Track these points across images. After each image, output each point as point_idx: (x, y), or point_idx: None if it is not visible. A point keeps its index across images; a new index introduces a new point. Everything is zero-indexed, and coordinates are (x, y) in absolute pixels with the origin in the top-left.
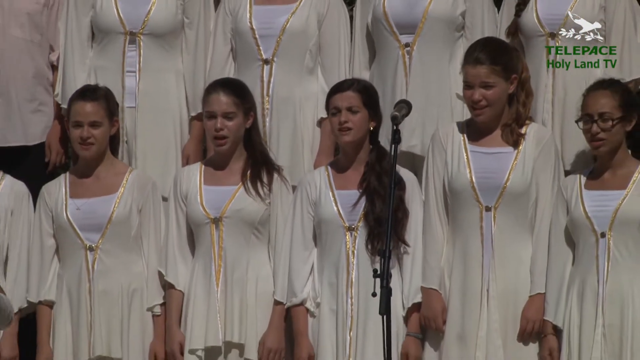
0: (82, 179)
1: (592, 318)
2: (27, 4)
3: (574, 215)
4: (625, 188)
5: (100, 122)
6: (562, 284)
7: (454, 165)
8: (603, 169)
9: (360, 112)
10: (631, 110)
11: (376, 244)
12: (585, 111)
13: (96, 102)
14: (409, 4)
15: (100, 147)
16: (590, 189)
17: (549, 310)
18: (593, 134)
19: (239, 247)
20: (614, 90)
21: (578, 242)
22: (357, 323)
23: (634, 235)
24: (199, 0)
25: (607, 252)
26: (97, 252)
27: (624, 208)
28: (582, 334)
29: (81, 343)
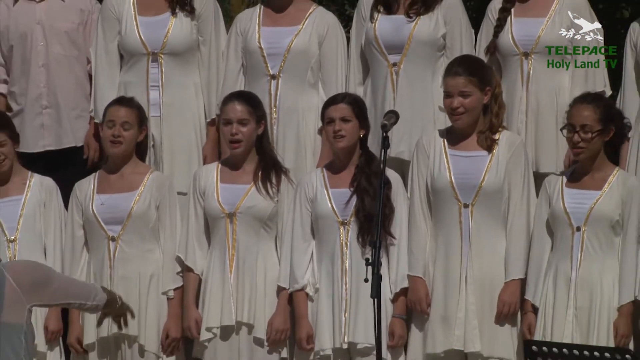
0: (109, 177)
1: (564, 300)
2: (64, 23)
3: (555, 210)
4: (601, 189)
5: (131, 124)
6: (541, 269)
7: (436, 167)
8: (583, 171)
9: (352, 122)
10: (610, 123)
11: (366, 236)
12: (570, 121)
13: (130, 108)
14: (396, 28)
15: (128, 148)
16: (571, 187)
17: (529, 291)
18: (575, 143)
19: (250, 239)
20: (597, 105)
21: (556, 234)
22: (350, 306)
23: (605, 231)
24: (210, 21)
25: (581, 244)
26: (119, 242)
27: (598, 207)
28: (555, 314)
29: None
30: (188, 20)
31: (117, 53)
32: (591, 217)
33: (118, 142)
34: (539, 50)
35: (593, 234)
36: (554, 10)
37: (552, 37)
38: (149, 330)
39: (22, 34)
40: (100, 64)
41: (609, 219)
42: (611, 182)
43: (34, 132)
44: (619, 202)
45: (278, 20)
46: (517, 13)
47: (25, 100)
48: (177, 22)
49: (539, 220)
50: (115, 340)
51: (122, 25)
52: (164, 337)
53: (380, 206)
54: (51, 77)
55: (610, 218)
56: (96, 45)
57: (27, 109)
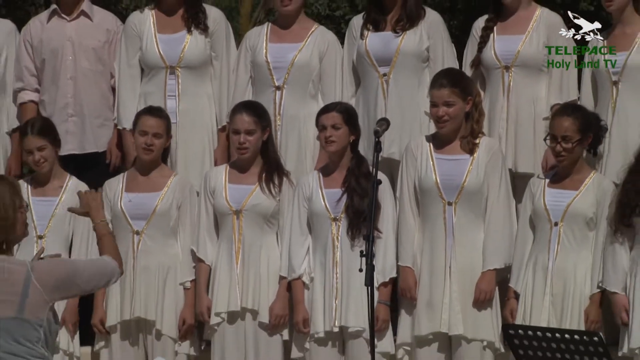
0: (137, 178)
1: (542, 288)
2: (92, 41)
3: (536, 207)
4: (578, 189)
5: (161, 134)
6: (523, 259)
7: (423, 169)
8: (564, 173)
9: (342, 129)
10: (588, 132)
11: (355, 231)
12: (552, 132)
13: (159, 118)
14: (385, 43)
15: (157, 154)
16: (552, 187)
17: (512, 279)
18: (557, 152)
19: (255, 234)
20: (576, 117)
21: (537, 228)
22: (341, 293)
23: (580, 227)
24: (222, 38)
25: (558, 238)
26: (142, 235)
27: (574, 205)
28: (534, 300)
29: (126, 306)
30: (202, 37)
31: (139, 66)
32: (568, 214)
33: (150, 150)
34: (518, 63)
35: (569, 228)
36: (531, 28)
37: (530, 52)
38: (166, 317)
39: (53, 49)
40: (124, 76)
41: (584, 216)
42: (587, 183)
43: (60, 137)
44: (593, 202)
45: (283, 37)
46: (499, 31)
47: (53, 108)
48: (193, 39)
49: (523, 216)
50: (136, 324)
51: (143, 41)
52: (180, 324)
53: (373, 204)
54: (78, 89)
55: (585, 215)
56: (120, 59)
57: (54, 116)
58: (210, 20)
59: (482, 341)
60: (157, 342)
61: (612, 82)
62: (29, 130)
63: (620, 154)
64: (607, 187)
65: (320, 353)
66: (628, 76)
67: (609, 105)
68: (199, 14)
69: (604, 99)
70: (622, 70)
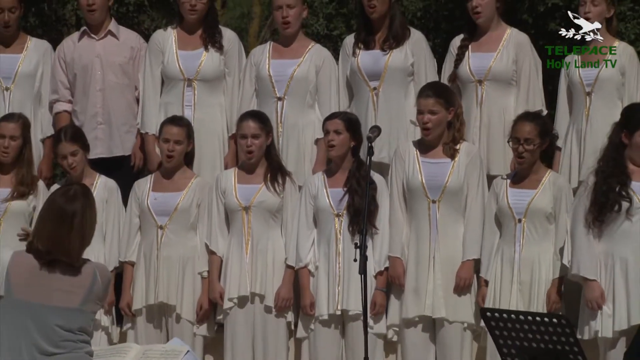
0: (163, 179)
1: (509, 277)
2: (118, 57)
3: (501, 206)
4: (536, 188)
5: (181, 141)
6: (492, 252)
7: (410, 171)
8: (523, 174)
9: (343, 135)
10: (546, 136)
11: (355, 226)
12: (515, 135)
13: (180, 127)
14: (374, 61)
15: (179, 159)
16: (513, 187)
17: (482, 269)
18: (519, 153)
19: (262, 227)
20: (537, 123)
21: (503, 224)
22: (342, 280)
23: (541, 221)
24: (235, 56)
25: (522, 232)
26: (165, 230)
27: (534, 202)
28: (502, 287)
29: (150, 292)
30: (217, 55)
31: (160, 78)
32: (529, 211)
33: (171, 156)
34: (490, 78)
35: (531, 224)
36: (502, 46)
37: (501, 68)
38: (185, 302)
39: (84, 65)
40: (147, 87)
41: (544, 212)
42: (544, 182)
43: (90, 143)
44: (551, 198)
45: (284, 53)
46: (473, 49)
47: (84, 117)
48: (209, 56)
49: (489, 213)
50: (159, 309)
51: (165, 56)
52: (198, 309)
53: (366, 200)
54: (106, 100)
55: (545, 211)
56: (144, 71)
57: (85, 124)
58: (225, 40)
59: (463, 323)
60: (177, 325)
61: (585, 93)
62: (62, 137)
63: (593, 157)
64: (562, 184)
65: (323, 333)
66: (600, 88)
67: (583, 113)
68: (215, 34)
69: (579, 107)
70: (594, 82)
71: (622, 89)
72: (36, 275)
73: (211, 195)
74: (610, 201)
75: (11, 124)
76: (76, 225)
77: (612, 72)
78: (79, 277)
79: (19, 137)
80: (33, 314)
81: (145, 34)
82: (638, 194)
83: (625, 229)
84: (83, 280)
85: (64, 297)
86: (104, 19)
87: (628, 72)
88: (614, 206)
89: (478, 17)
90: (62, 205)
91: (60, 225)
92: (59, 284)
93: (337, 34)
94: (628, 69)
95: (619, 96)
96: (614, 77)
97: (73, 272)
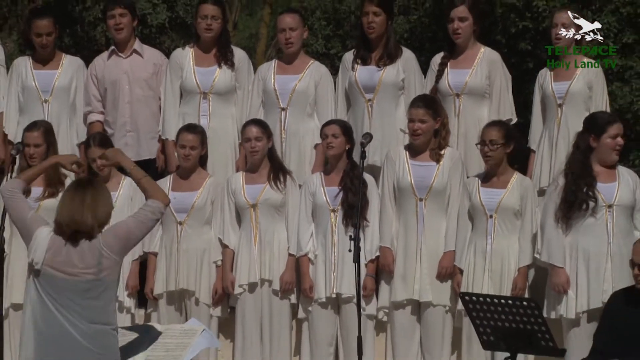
0: (180, 179)
1: (481, 266)
2: (143, 73)
3: (474, 203)
4: (505, 188)
5: (196, 146)
6: (465, 244)
7: (400, 172)
8: (492, 175)
9: (339, 138)
10: (510, 140)
11: (348, 219)
12: (482, 138)
13: (195, 134)
14: (370, 75)
15: (194, 161)
16: (484, 187)
17: (457, 259)
18: (485, 153)
19: (268, 222)
20: (500, 127)
21: (476, 219)
22: (337, 268)
23: (510, 217)
24: (245, 72)
25: (493, 227)
26: (184, 225)
27: (504, 200)
28: (475, 275)
29: (170, 279)
30: (229, 71)
31: (179, 91)
32: (500, 208)
33: (187, 160)
34: (466, 92)
35: (501, 219)
36: (476, 64)
37: (476, 83)
38: (202, 287)
39: (113, 81)
40: (168, 98)
41: (512, 209)
42: (512, 182)
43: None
44: (518, 197)
45: (287, 70)
46: (451, 66)
47: (115, 126)
48: (222, 72)
49: (463, 210)
50: (179, 294)
51: (184, 72)
52: (213, 293)
53: (359, 198)
54: (133, 111)
55: (513, 208)
56: (165, 85)
57: (115, 132)
58: (236, 58)
59: (445, 306)
60: (195, 307)
61: (557, 105)
62: (92, 143)
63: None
64: (527, 185)
65: (321, 314)
66: (570, 100)
67: (555, 122)
68: (228, 53)
69: (551, 117)
70: (565, 95)
71: (590, 101)
72: (62, 250)
73: (223, 196)
74: (578, 200)
75: (34, 133)
76: (87, 201)
77: (581, 87)
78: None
79: (43, 143)
80: (61, 285)
81: (166, 52)
82: (602, 193)
83: (589, 224)
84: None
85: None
86: (130, 39)
87: (595, 87)
88: (582, 205)
89: (457, 38)
90: (73, 191)
91: (72, 204)
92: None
93: (334, 52)
94: (594, 84)
95: (586, 107)
96: (583, 91)
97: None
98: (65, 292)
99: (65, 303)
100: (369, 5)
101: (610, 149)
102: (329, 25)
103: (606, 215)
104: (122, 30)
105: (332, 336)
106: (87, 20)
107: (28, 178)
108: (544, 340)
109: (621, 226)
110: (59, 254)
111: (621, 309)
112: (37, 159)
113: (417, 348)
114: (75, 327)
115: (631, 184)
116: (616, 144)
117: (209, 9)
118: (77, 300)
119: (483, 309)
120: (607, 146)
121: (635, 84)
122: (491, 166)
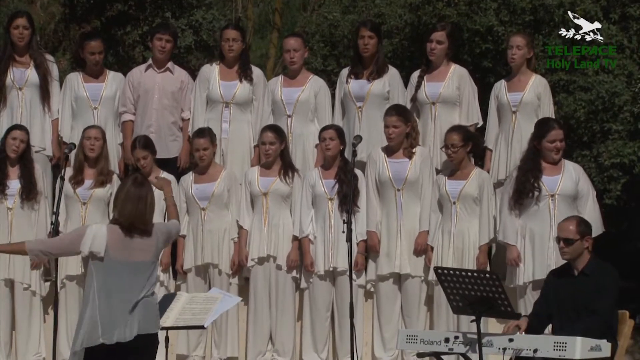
0: (200, 174)
1: (448, 245)
2: (171, 87)
3: (441, 193)
4: (466, 179)
5: (207, 147)
6: (436, 227)
7: (380, 168)
8: (456, 170)
9: (335, 140)
10: (469, 141)
11: (343, 206)
12: (445, 142)
13: (204, 137)
14: (360, 87)
15: (208, 160)
16: (450, 179)
17: (430, 238)
18: (449, 155)
19: (276, 208)
20: (459, 131)
21: (443, 206)
22: (333, 246)
23: (470, 204)
24: (261, 87)
25: (456, 212)
26: (206, 210)
27: (465, 190)
28: (442, 252)
29: (197, 256)
30: (248, 85)
31: (205, 100)
32: (461, 196)
33: (203, 160)
34: (440, 101)
35: (463, 206)
36: (448, 77)
37: (448, 93)
38: (224, 260)
39: (146, 90)
40: (197, 106)
41: (472, 197)
42: (472, 175)
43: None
44: (476, 187)
45: (291, 83)
46: (428, 79)
47: (141, 127)
48: (242, 86)
49: (434, 200)
50: (204, 267)
51: (210, 84)
52: (232, 265)
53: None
54: (158, 116)
55: (473, 196)
56: (194, 95)
57: (142, 131)
58: (254, 75)
59: (421, 277)
60: (218, 277)
61: (512, 112)
62: (137, 145)
63: (517, 157)
64: (485, 177)
65: (320, 284)
66: (522, 108)
67: (510, 126)
68: (247, 70)
69: (507, 122)
70: (519, 104)
71: (539, 109)
72: (123, 241)
73: (240, 186)
74: (526, 190)
75: (94, 130)
76: (149, 202)
77: (532, 97)
78: (151, 239)
79: (101, 138)
80: (124, 268)
81: (192, 69)
82: (546, 185)
83: (536, 210)
84: (153, 240)
85: (142, 255)
86: (168, 59)
87: (542, 97)
88: (529, 194)
89: (432, 56)
90: (136, 191)
91: (138, 204)
92: (138, 245)
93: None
94: (542, 95)
95: (536, 115)
96: (533, 101)
97: (147, 236)
98: (123, 274)
99: (124, 282)
100: (364, 30)
101: (549, 151)
102: (326, 47)
103: (549, 202)
104: (164, 53)
105: (329, 302)
106: (127, 42)
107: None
108: (504, 306)
109: (563, 212)
110: (121, 242)
111: (552, 281)
112: (95, 150)
113: (399, 312)
114: (133, 296)
115: (574, 176)
116: (554, 147)
117: (231, 33)
118: (133, 279)
119: (453, 280)
120: (547, 148)
121: (577, 94)
122: (455, 164)
